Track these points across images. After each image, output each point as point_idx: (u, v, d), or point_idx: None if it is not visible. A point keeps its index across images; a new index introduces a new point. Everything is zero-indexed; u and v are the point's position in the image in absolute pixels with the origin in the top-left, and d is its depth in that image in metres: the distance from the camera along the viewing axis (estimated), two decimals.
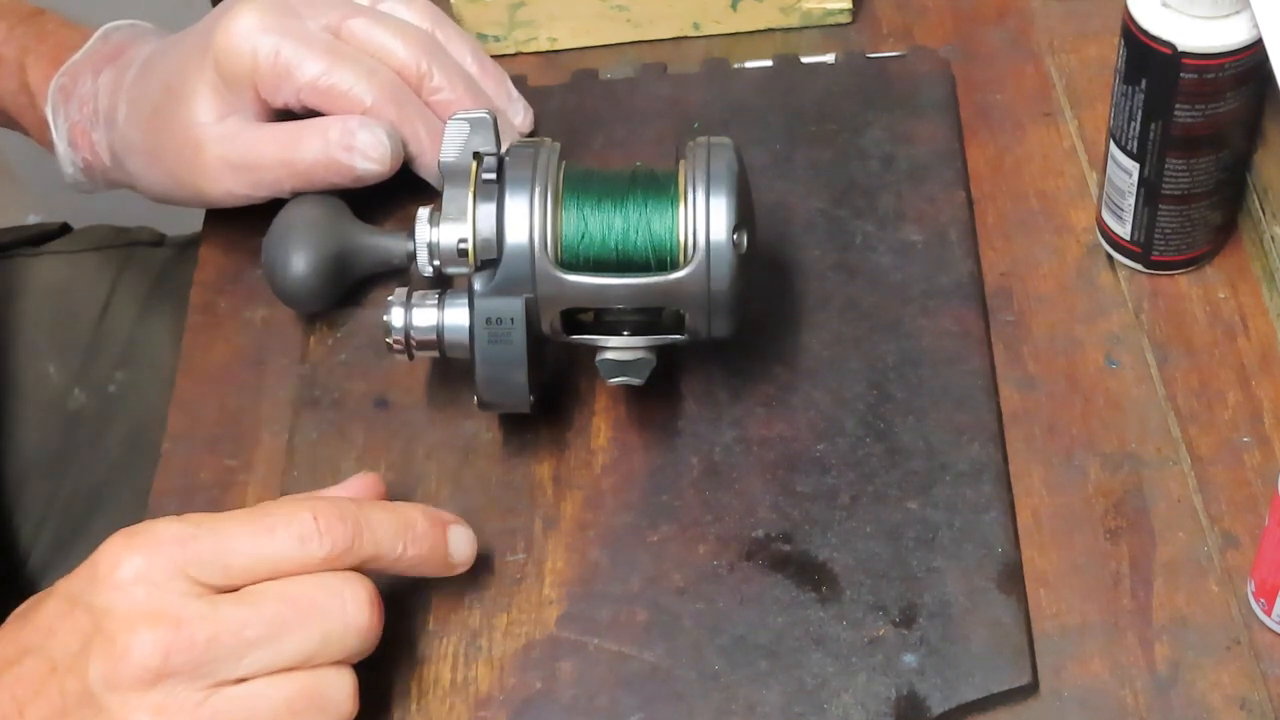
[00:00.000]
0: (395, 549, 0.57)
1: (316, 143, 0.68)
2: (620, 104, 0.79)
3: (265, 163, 0.69)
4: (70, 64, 0.74)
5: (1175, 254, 0.68)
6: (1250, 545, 0.61)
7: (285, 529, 0.55)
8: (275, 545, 0.55)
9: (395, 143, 0.69)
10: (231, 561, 0.54)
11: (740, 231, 0.61)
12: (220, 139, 0.69)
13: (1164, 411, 0.65)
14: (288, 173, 0.69)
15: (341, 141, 0.68)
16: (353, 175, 0.69)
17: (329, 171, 0.69)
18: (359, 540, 0.56)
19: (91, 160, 0.74)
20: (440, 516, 0.59)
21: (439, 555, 0.59)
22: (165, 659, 0.52)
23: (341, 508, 0.56)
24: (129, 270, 0.91)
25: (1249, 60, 0.62)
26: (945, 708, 0.58)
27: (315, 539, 0.55)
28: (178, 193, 0.72)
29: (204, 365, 0.71)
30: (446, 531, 0.59)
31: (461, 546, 0.60)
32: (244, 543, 0.55)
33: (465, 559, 0.60)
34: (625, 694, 0.59)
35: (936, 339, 0.68)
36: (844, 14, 0.81)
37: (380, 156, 0.68)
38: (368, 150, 0.68)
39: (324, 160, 0.68)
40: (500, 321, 0.62)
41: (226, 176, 0.69)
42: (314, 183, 0.69)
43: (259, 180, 0.69)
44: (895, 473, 0.64)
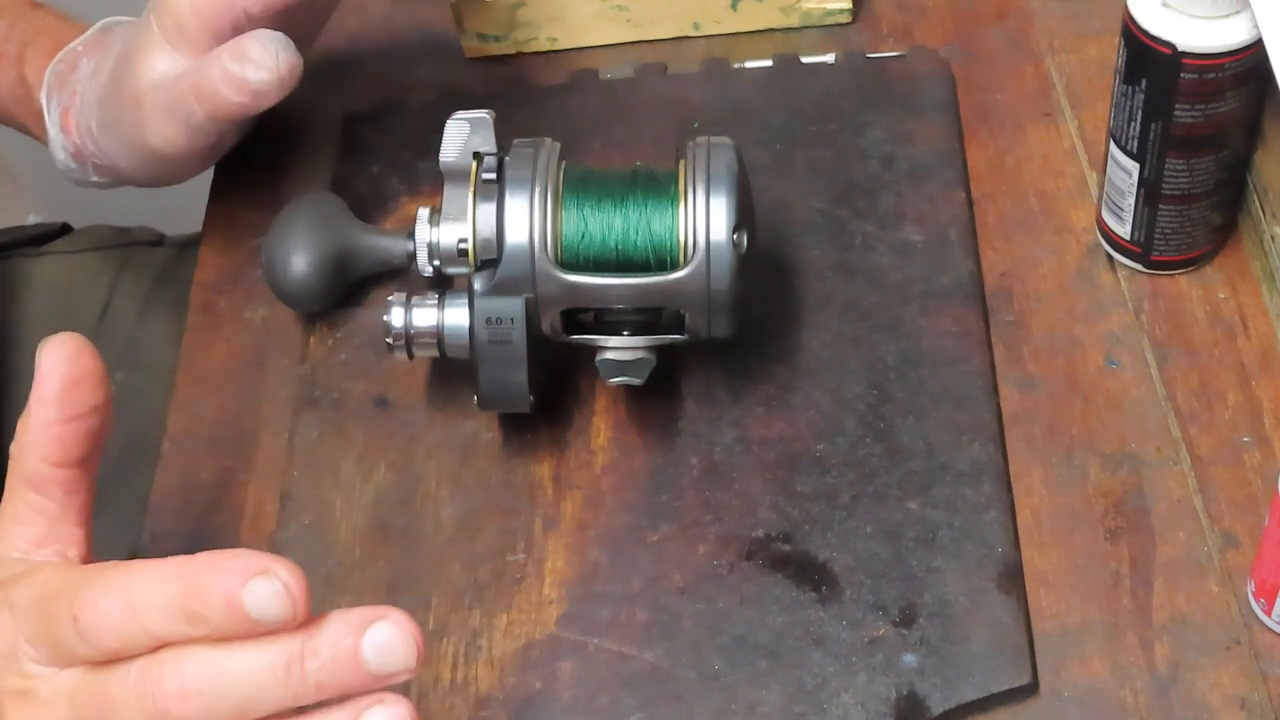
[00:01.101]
0: (176, 632, 0.47)
1: (214, 61, 0.67)
2: (620, 104, 0.79)
3: (181, 94, 0.68)
4: (67, 50, 0.74)
5: (1175, 254, 0.68)
6: (1250, 545, 0.61)
7: (58, 626, 0.49)
8: (60, 638, 0.48)
9: (287, 49, 0.66)
10: (54, 653, 0.49)
11: (740, 231, 0.61)
12: (155, 87, 0.68)
13: (1164, 411, 0.65)
14: (198, 99, 0.67)
15: (233, 53, 0.66)
16: (249, 88, 0.66)
17: (228, 88, 0.66)
18: (127, 636, 0.47)
19: (80, 145, 0.74)
20: (241, 568, 0.46)
21: (235, 625, 0.46)
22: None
23: (103, 606, 0.47)
24: (129, 270, 0.91)
25: (1249, 60, 0.62)
26: (945, 708, 0.58)
27: (84, 642, 0.48)
28: (138, 159, 0.71)
29: (204, 365, 0.71)
30: (242, 591, 0.46)
31: (265, 604, 0.46)
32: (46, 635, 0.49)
33: (275, 617, 0.46)
34: (625, 694, 0.59)
35: (936, 339, 0.68)
36: (844, 14, 0.81)
37: (268, 64, 0.65)
38: (256, 58, 0.65)
39: (222, 77, 0.66)
40: (500, 321, 0.62)
41: (161, 122, 0.69)
42: (220, 105, 0.67)
43: (182, 117, 0.68)
44: (895, 473, 0.64)
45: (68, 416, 0.53)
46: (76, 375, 0.53)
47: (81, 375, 0.53)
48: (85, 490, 0.54)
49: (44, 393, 0.53)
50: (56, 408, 0.53)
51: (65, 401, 0.53)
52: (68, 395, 0.53)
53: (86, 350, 0.53)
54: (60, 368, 0.53)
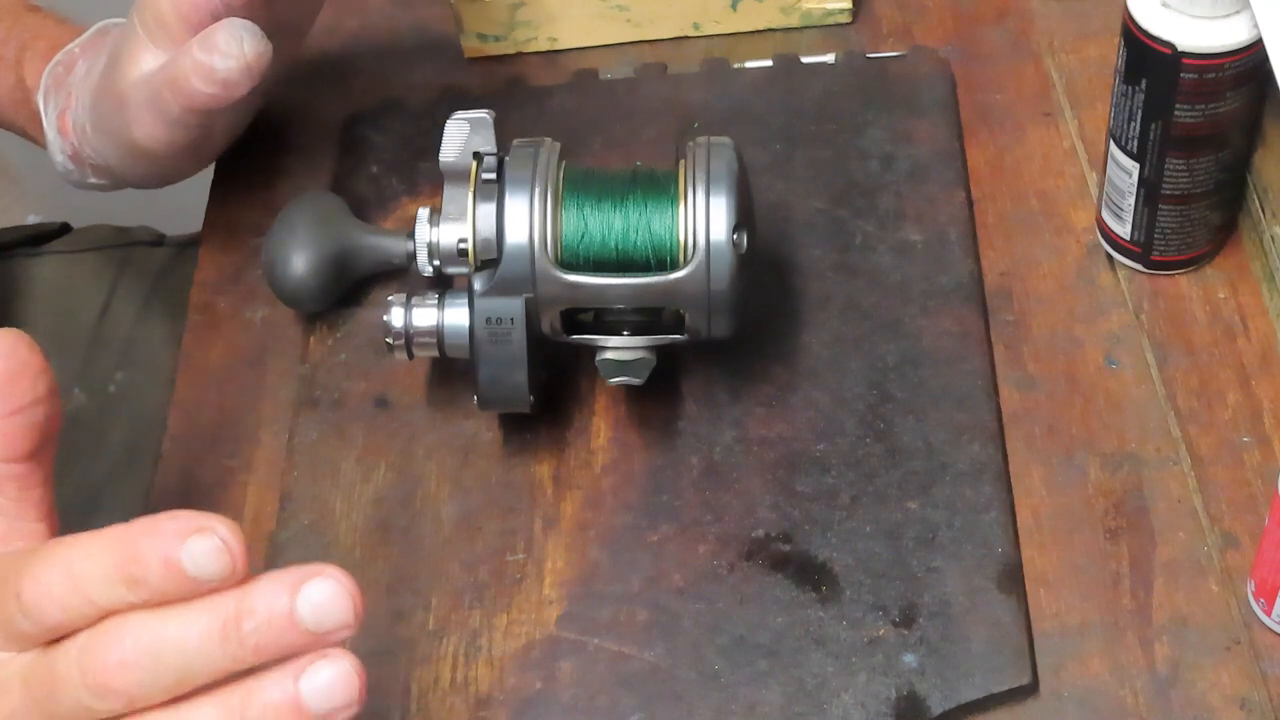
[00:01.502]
0: (117, 597, 0.46)
1: (184, 53, 0.66)
2: (620, 104, 0.79)
3: (158, 89, 0.68)
4: (64, 52, 0.74)
5: (1175, 254, 0.68)
6: (1250, 545, 0.61)
7: (4, 605, 0.47)
8: (8, 618, 0.48)
9: (254, 37, 0.65)
10: (8, 633, 0.49)
11: (740, 231, 0.61)
12: (137, 84, 0.68)
13: (1164, 411, 0.65)
14: (172, 91, 0.67)
15: (202, 44, 0.65)
16: (217, 78, 0.65)
17: (197, 78, 0.65)
18: (70, 606, 0.46)
19: (77, 146, 0.74)
20: (175, 528, 0.46)
21: (176, 585, 0.45)
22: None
23: (45, 578, 0.46)
24: (129, 270, 0.91)
25: (1249, 60, 0.62)
26: (945, 708, 0.58)
27: (29, 619, 0.47)
28: (126, 157, 0.71)
29: (204, 365, 0.71)
30: (180, 551, 0.45)
31: (203, 560, 0.45)
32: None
33: (214, 574, 0.45)
34: (625, 694, 0.59)
35: (936, 339, 0.68)
36: (844, 14, 0.81)
37: (234, 51, 0.64)
38: (224, 46, 0.65)
39: (192, 67, 0.65)
40: (500, 321, 0.62)
41: (144, 118, 0.68)
42: (193, 98, 0.66)
43: (161, 111, 0.68)
44: (895, 473, 0.64)
45: (8, 410, 0.51)
46: (14, 369, 0.51)
47: (19, 368, 0.51)
48: (40, 484, 0.53)
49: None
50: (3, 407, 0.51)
51: (4, 396, 0.51)
52: (6, 389, 0.51)
53: (23, 343, 0.52)
54: (3, 361, 0.51)
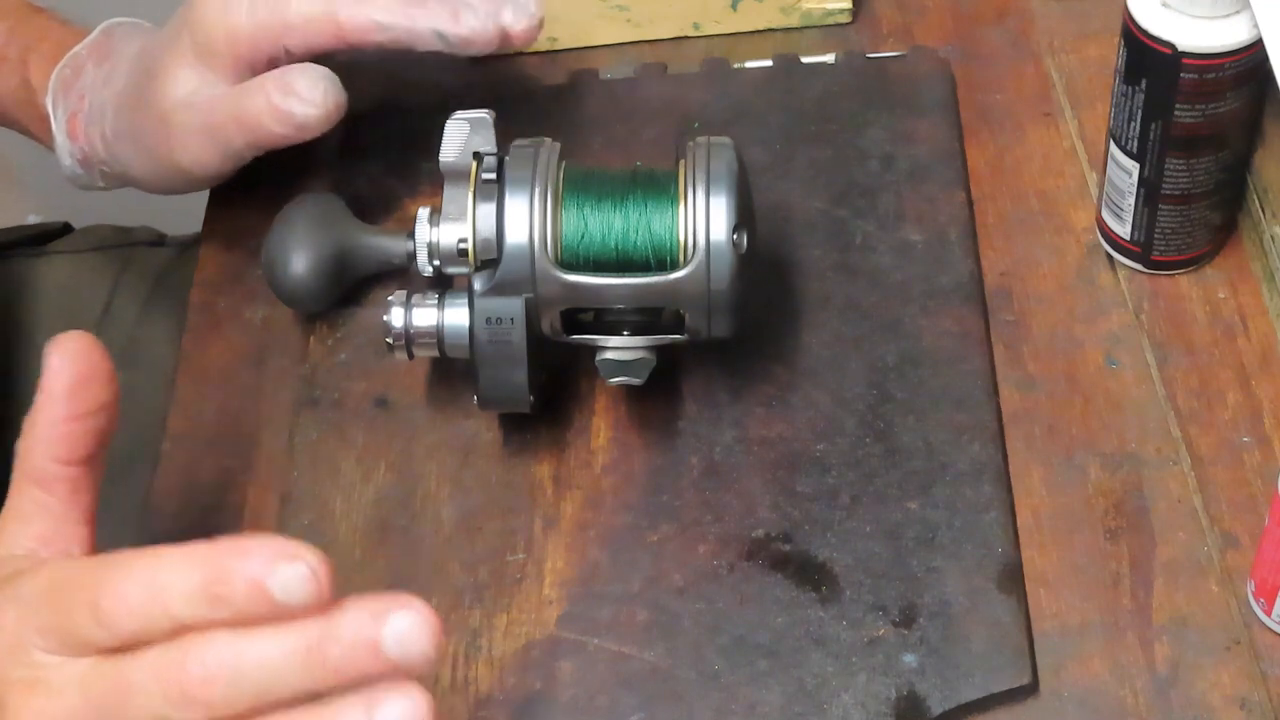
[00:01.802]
0: (199, 615, 0.47)
1: (258, 92, 0.67)
2: (620, 104, 0.79)
3: (220, 121, 0.68)
4: (71, 55, 0.75)
5: (1175, 254, 0.68)
6: (1250, 545, 0.61)
7: (73, 614, 0.48)
8: (76, 627, 0.48)
9: (333, 85, 0.67)
10: (67, 641, 0.49)
11: (740, 231, 0.61)
12: (188, 107, 0.69)
13: (1164, 411, 0.65)
14: (238, 128, 0.68)
15: (279, 87, 0.67)
16: (294, 121, 0.67)
17: (272, 120, 0.67)
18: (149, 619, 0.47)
19: (89, 152, 0.74)
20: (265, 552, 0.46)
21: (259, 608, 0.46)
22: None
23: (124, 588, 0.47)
24: (130, 270, 0.91)
25: (1249, 60, 0.62)
26: (945, 708, 0.58)
27: (103, 629, 0.48)
28: (160, 173, 0.72)
29: (204, 365, 0.71)
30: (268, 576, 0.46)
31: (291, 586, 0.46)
32: (61, 623, 0.49)
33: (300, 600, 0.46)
34: (625, 694, 0.59)
35: (936, 339, 0.68)
36: (844, 14, 0.81)
37: (316, 99, 0.67)
38: (304, 93, 0.67)
39: (266, 109, 0.67)
40: (500, 321, 0.62)
41: (193, 143, 0.69)
42: (262, 136, 0.68)
43: (220, 143, 0.69)
44: (895, 473, 0.64)
45: (75, 414, 0.53)
46: (85, 372, 0.53)
47: (90, 373, 0.53)
48: (90, 489, 0.54)
49: (52, 389, 0.53)
50: (64, 405, 0.53)
51: (73, 399, 0.52)
52: (76, 393, 0.52)
53: (95, 348, 0.53)
54: (69, 365, 0.53)
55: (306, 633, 0.47)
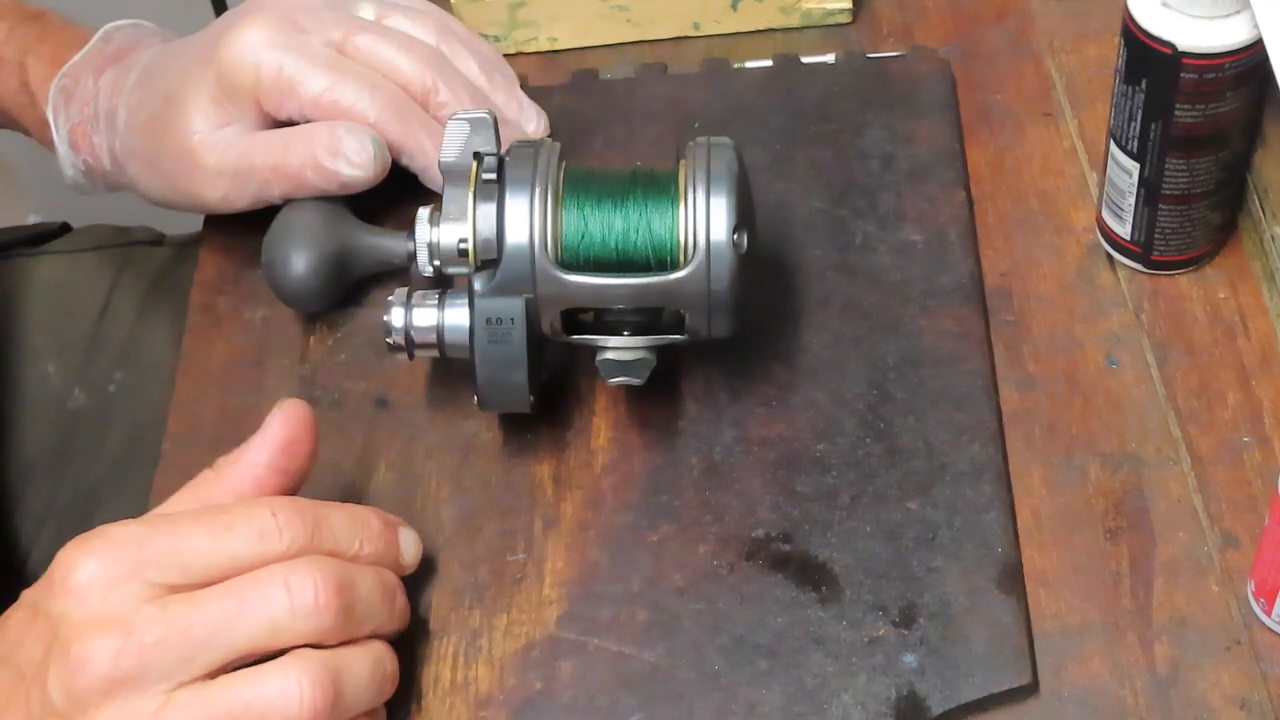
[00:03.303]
0: (352, 546, 0.57)
1: (303, 148, 0.69)
2: (620, 104, 0.79)
3: (256, 168, 0.69)
4: (71, 64, 0.74)
5: (1175, 254, 0.68)
6: (1250, 545, 0.61)
7: (244, 526, 0.55)
8: (233, 543, 0.54)
9: (380, 149, 0.69)
10: (189, 561, 0.54)
11: (740, 231, 0.61)
12: (216, 147, 0.69)
13: (1164, 411, 0.65)
14: (277, 177, 0.69)
15: (328, 146, 0.68)
16: (338, 181, 0.69)
17: (316, 176, 0.69)
18: (317, 535, 0.56)
19: (92, 163, 0.74)
20: (390, 519, 0.60)
21: (392, 554, 0.59)
22: (115, 666, 0.52)
23: (299, 504, 0.56)
24: (129, 270, 0.91)
25: (1249, 60, 0.62)
26: (945, 708, 0.58)
27: (274, 535, 0.55)
28: (176, 198, 0.72)
29: (204, 365, 0.71)
30: (397, 533, 0.60)
31: (410, 547, 0.60)
32: (201, 542, 0.54)
33: (413, 560, 0.60)
34: (625, 694, 0.59)
35: (936, 339, 0.68)
36: (844, 14, 0.81)
37: (364, 162, 0.68)
38: (352, 156, 0.68)
39: (311, 165, 0.68)
40: (500, 321, 0.62)
41: (222, 183, 0.70)
42: (302, 188, 0.69)
43: (252, 186, 0.70)
44: (895, 473, 0.64)
45: (275, 466, 0.58)
46: (301, 436, 0.58)
47: (304, 438, 0.59)
48: None
49: (268, 437, 0.58)
50: (271, 454, 0.58)
51: (282, 454, 0.58)
52: (287, 450, 0.58)
53: (313, 423, 0.59)
54: (290, 424, 0.58)
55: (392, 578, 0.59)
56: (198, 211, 0.74)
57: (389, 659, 0.57)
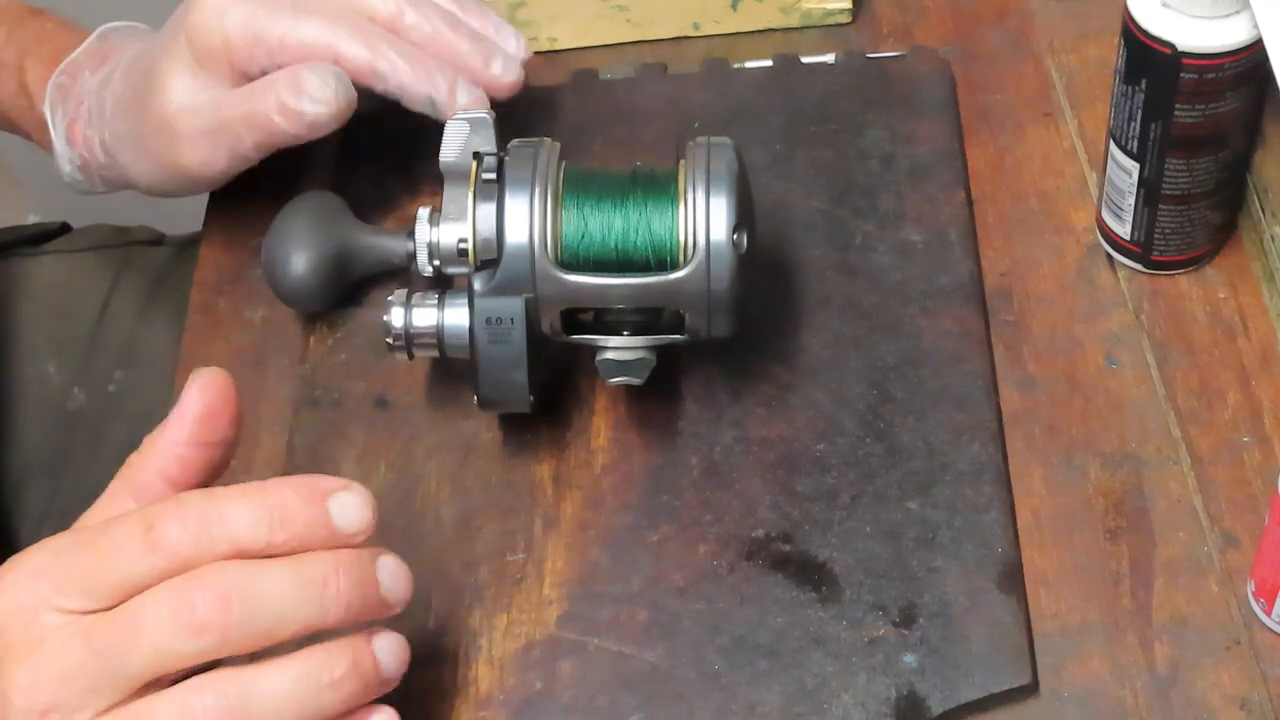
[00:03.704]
0: (259, 537, 0.51)
1: (269, 92, 0.68)
2: (620, 104, 0.79)
3: (228, 122, 0.69)
4: (68, 62, 0.75)
5: (1175, 254, 0.68)
6: (1250, 545, 0.61)
7: (127, 543, 0.51)
8: (121, 562, 0.51)
9: (342, 82, 0.68)
10: (89, 587, 0.51)
11: (740, 231, 0.61)
12: (193, 110, 0.69)
13: (1164, 411, 0.65)
14: (248, 127, 0.68)
15: (290, 86, 0.67)
16: (304, 120, 0.68)
17: (283, 119, 0.68)
18: (207, 538, 0.51)
19: (88, 157, 0.74)
20: (319, 486, 0.52)
21: (324, 531, 0.52)
22: (30, 701, 0.50)
23: (183, 508, 0.52)
24: (129, 270, 0.91)
25: (1249, 60, 0.62)
26: (945, 708, 0.58)
27: (157, 548, 0.51)
28: (161, 175, 0.72)
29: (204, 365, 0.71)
30: (328, 503, 0.52)
31: (351, 514, 0.52)
32: (93, 565, 0.52)
33: (358, 526, 0.53)
34: (625, 694, 0.59)
35: (936, 339, 0.68)
36: (844, 14, 0.81)
37: (326, 97, 0.67)
38: (314, 92, 0.67)
39: (276, 107, 0.67)
40: (500, 321, 0.62)
41: (200, 146, 0.69)
42: (273, 134, 0.68)
43: (228, 143, 0.69)
44: (895, 473, 0.64)
45: (198, 441, 0.55)
46: (219, 405, 0.55)
47: (223, 406, 0.55)
48: None
49: (183, 412, 0.54)
50: (190, 429, 0.54)
51: (201, 426, 0.54)
52: (205, 421, 0.54)
53: (232, 387, 0.55)
54: (206, 395, 0.55)
55: (320, 561, 0.52)
56: (184, 187, 0.73)
57: (339, 662, 0.52)
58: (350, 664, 0.52)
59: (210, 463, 0.55)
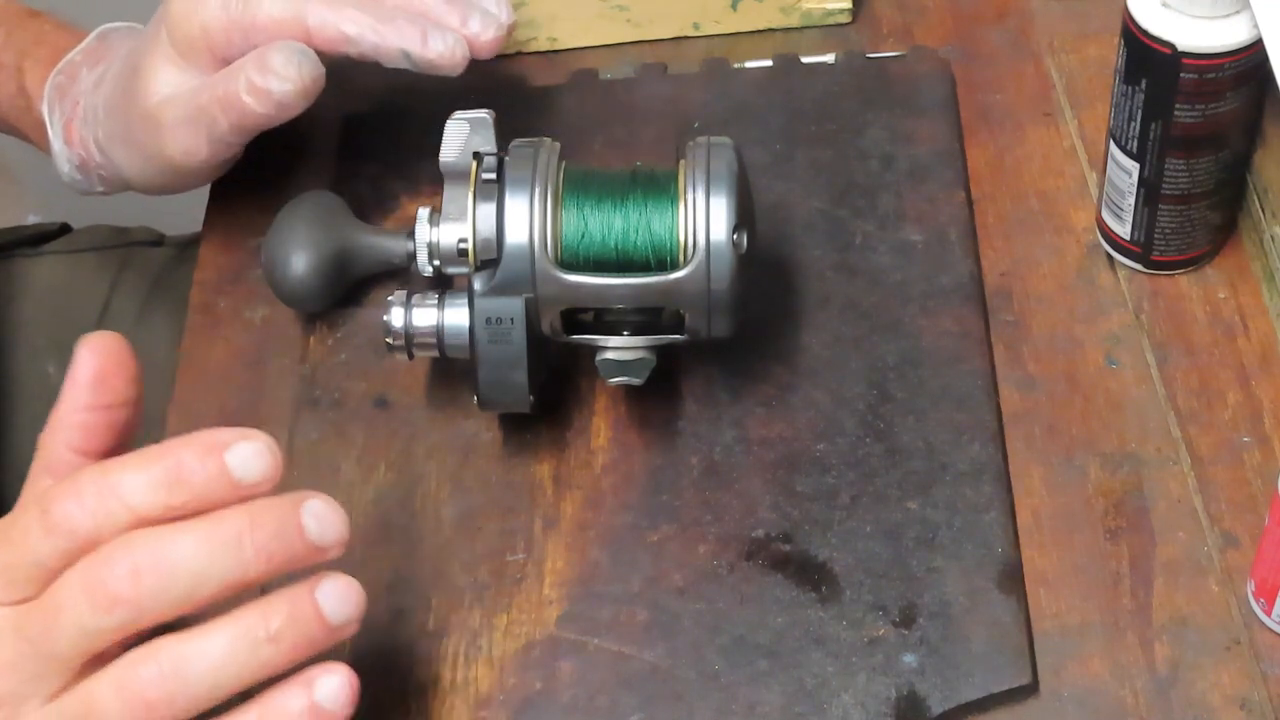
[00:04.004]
0: (157, 503, 0.49)
1: (238, 73, 0.68)
2: (620, 104, 0.79)
3: (204, 105, 0.69)
4: (66, 61, 0.75)
5: (1175, 254, 0.68)
6: (1250, 545, 0.61)
7: (32, 525, 0.50)
8: (33, 546, 0.50)
9: (307, 59, 0.67)
10: (11, 576, 0.51)
11: (740, 231, 0.61)
12: (174, 100, 0.69)
13: (1164, 411, 0.65)
14: (221, 109, 0.68)
15: (257, 65, 0.67)
16: (273, 100, 0.67)
17: (253, 99, 0.67)
18: (103, 511, 0.49)
19: (85, 157, 0.74)
20: (214, 439, 0.50)
21: (222, 487, 0.50)
22: None
23: (78, 484, 0.50)
24: (128, 270, 0.91)
25: (1249, 60, 0.62)
26: (945, 708, 0.58)
27: (57, 530, 0.50)
28: (152, 170, 0.72)
29: (204, 365, 0.71)
30: (223, 457, 0.50)
31: (249, 464, 0.50)
32: (7, 554, 0.51)
33: (257, 476, 0.50)
34: (625, 694, 0.59)
35: (936, 339, 0.68)
36: (844, 14, 0.81)
37: (291, 74, 0.67)
38: (279, 69, 0.67)
39: (246, 87, 0.67)
40: (500, 321, 0.62)
41: (181, 134, 0.69)
42: (245, 115, 0.68)
43: (205, 128, 0.69)
44: (895, 473, 0.64)
45: (96, 404, 0.53)
46: (110, 367, 0.54)
47: (116, 368, 0.54)
48: None
49: (76, 378, 0.53)
50: (86, 394, 0.53)
51: (96, 390, 0.53)
52: (99, 384, 0.53)
53: (124, 347, 0.54)
54: (96, 358, 0.54)
55: (233, 517, 0.50)
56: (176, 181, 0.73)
57: (275, 614, 0.50)
58: (287, 615, 0.50)
59: (115, 425, 0.54)
